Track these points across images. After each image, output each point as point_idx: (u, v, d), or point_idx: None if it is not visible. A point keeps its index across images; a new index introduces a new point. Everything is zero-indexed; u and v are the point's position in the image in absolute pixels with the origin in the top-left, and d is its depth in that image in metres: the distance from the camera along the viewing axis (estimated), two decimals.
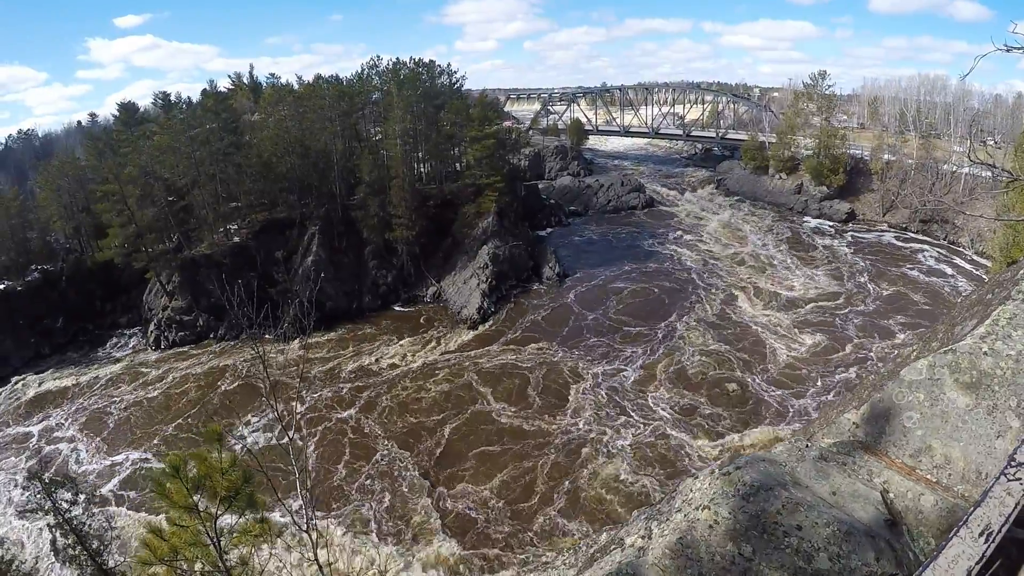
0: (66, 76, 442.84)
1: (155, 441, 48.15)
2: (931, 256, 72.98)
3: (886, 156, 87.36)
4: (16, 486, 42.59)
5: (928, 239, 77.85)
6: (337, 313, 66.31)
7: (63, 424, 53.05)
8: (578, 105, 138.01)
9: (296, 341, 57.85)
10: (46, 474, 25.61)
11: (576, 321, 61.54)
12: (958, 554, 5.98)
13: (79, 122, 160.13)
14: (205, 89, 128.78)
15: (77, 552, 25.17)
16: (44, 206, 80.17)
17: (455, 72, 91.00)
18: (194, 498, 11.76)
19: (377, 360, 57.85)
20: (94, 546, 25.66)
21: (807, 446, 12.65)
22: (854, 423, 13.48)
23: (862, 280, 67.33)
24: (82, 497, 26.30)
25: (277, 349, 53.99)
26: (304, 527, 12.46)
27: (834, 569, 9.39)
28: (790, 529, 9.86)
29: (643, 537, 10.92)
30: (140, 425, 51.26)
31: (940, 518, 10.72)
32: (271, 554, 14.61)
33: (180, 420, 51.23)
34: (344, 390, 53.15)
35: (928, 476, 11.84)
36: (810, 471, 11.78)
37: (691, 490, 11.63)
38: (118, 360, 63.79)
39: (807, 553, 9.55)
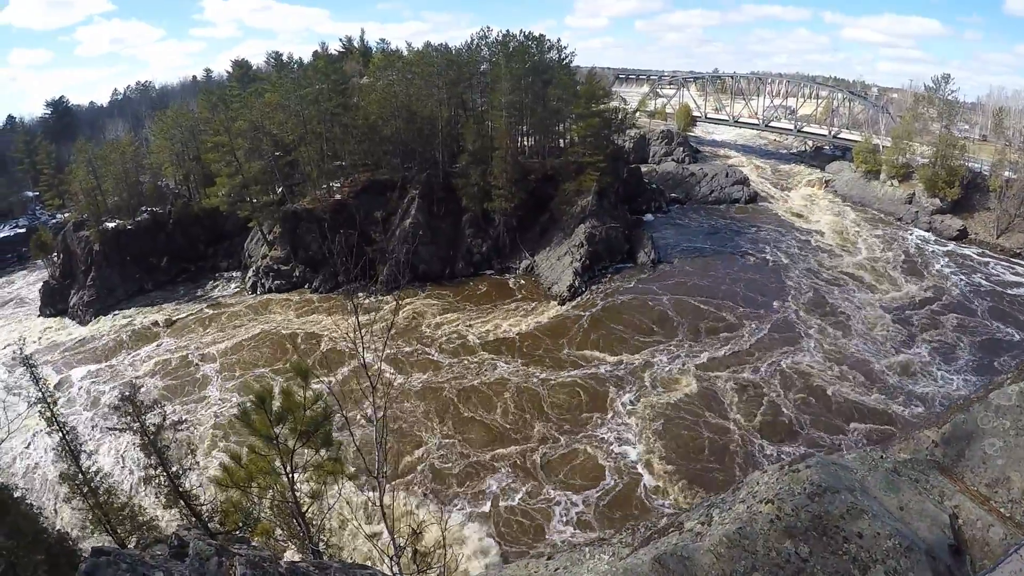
0: (181, 33, 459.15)
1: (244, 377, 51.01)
2: None
3: (1007, 173, 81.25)
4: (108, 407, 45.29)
5: None
6: (430, 276, 68.37)
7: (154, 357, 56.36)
8: (687, 90, 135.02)
9: (388, 296, 59.73)
10: (136, 396, 26.99)
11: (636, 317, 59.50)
12: (1015, 571, 5.88)
13: (194, 76, 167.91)
14: (316, 51, 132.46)
15: (157, 472, 26.47)
16: (157, 153, 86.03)
17: (564, 48, 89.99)
18: (275, 430, 12.36)
19: (463, 323, 59.43)
20: (173, 469, 26.95)
21: (881, 457, 12.33)
22: (933, 441, 13.02)
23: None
24: (168, 421, 27.65)
25: (368, 304, 55.61)
26: (375, 473, 12.86)
27: None
28: (850, 535, 9.67)
29: (702, 523, 10.88)
30: (234, 362, 54.58)
31: None
32: (340, 493, 15.17)
33: (270, 360, 54.23)
34: (423, 351, 54.95)
35: (1002, 509, 11.37)
36: (880, 482, 11.48)
37: (757, 483, 11.52)
38: (216, 300, 67.90)
39: (864, 563, 9.33)
